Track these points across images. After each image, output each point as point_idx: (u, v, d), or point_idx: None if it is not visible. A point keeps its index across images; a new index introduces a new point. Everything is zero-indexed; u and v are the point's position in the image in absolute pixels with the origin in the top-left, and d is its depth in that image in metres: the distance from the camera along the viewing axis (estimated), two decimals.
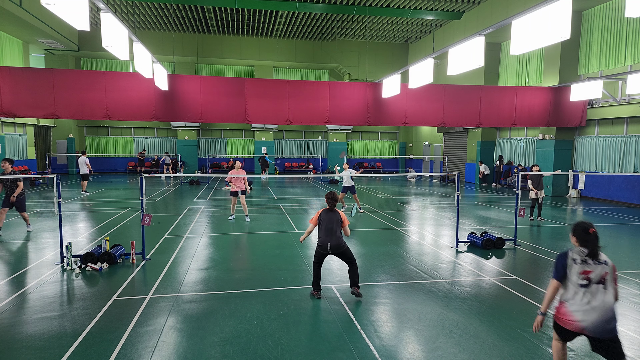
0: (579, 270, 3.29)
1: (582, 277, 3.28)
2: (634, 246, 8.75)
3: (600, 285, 3.27)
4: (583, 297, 3.26)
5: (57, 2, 5.85)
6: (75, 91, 13.54)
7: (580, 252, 3.36)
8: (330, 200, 5.58)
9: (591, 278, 3.27)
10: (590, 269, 3.29)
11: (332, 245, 5.46)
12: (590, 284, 3.27)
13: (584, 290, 3.27)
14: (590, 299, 3.25)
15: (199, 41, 25.52)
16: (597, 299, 3.24)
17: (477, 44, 9.27)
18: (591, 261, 3.31)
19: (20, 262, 7.13)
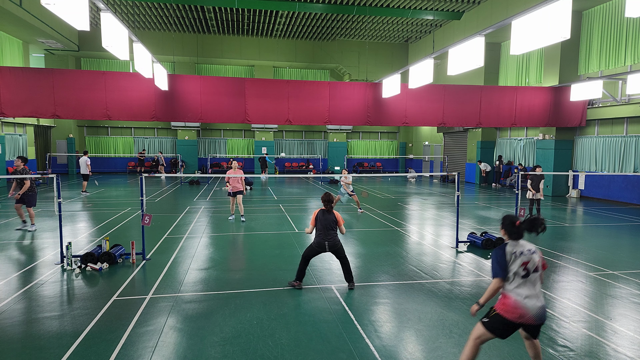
0: (520, 263, 3.38)
1: (523, 268, 3.38)
2: (634, 246, 8.75)
3: (536, 274, 3.41)
4: (525, 288, 3.36)
5: (57, 2, 5.84)
6: (75, 91, 13.54)
7: (515, 245, 3.45)
8: (326, 202, 5.86)
9: (529, 268, 3.39)
10: (527, 259, 3.40)
11: (330, 244, 5.77)
12: (529, 274, 3.39)
13: (525, 280, 3.37)
14: (531, 288, 3.37)
15: (199, 41, 25.51)
16: (537, 287, 3.39)
17: (477, 44, 9.27)
18: (527, 251, 3.41)
19: (20, 262, 7.13)
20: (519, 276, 3.38)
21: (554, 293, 5.88)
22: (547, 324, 4.84)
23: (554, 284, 6.28)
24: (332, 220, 5.82)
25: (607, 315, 5.09)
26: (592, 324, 4.85)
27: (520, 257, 3.39)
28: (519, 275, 3.38)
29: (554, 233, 10.03)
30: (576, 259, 7.61)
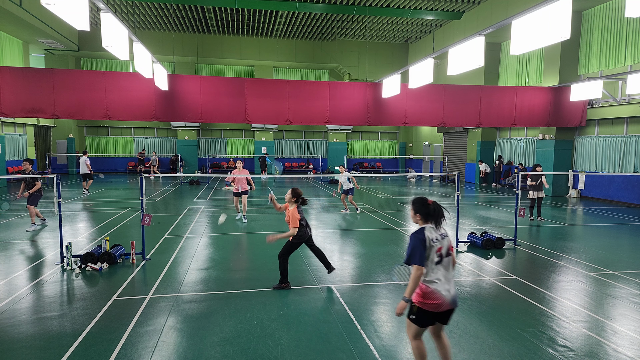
0: (436, 249, 3.28)
1: (438, 254, 3.29)
2: (634, 246, 8.75)
3: (448, 258, 3.35)
4: (440, 274, 3.28)
5: (57, 2, 5.84)
6: (75, 91, 13.54)
7: (432, 230, 3.34)
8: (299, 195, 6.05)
9: (442, 253, 3.31)
10: (440, 244, 3.32)
11: (310, 233, 6.13)
12: (442, 258, 3.31)
13: (439, 266, 3.29)
14: (445, 274, 3.30)
15: (199, 41, 25.51)
16: (450, 272, 3.34)
17: (477, 44, 9.27)
18: (439, 236, 3.33)
19: (20, 262, 7.13)
20: (432, 262, 3.27)
21: (554, 293, 5.88)
22: (547, 324, 4.84)
23: (554, 284, 6.28)
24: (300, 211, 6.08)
25: (607, 315, 5.09)
26: (592, 324, 4.85)
27: (435, 243, 3.29)
28: (432, 262, 3.27)
29: (554, 233, 10.03)
30: (576, 259, 7.61)
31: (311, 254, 7.00)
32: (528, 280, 6.41)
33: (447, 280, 3.28)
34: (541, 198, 11.57)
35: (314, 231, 9.83)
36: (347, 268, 7.05)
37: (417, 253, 3.24)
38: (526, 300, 5.59)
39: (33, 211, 9.64)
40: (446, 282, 3.27)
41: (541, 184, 11.55)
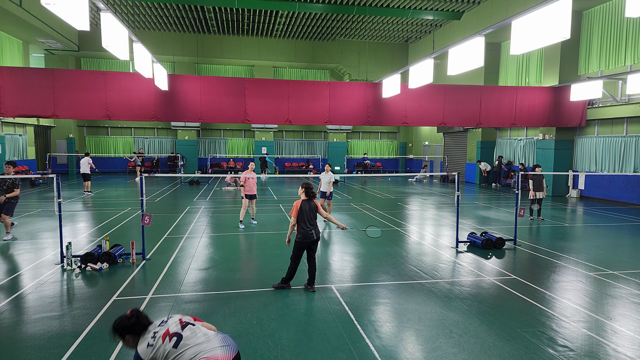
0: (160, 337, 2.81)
1: (170, 338, 2.80)
2: (634, 246, 8.75)
3: (188, 326, 2.91)
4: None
5: (57, 2, 5.84)
6: (75, 91, 13.53)
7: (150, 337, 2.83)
8: (307, 189, 5.82)
9: (176, 331, 2.85)
10: (165, 329, 2.88)
11: (315, 231, 5.76)
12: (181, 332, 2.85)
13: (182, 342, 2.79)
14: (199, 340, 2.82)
15: (199, 41, 25.51)
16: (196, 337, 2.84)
17: (477, 44, 9.27)
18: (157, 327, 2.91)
19: (20, 262, 7.13)
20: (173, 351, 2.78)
21: (554, 293, 5.88)
22: (547, 324, 4.84)
23: (554, 284, 6.28)
24: (314, 208, 5.81)
25: (607, 315, 5.09)
26: (592, 324, 4.85)
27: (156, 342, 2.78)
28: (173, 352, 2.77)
29: (554, 233, 10.03)
30: (576, 259, 7.61)
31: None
32: (528, 280, 6.41)
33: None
34: (541, 198, 11.57)
35: None
36: (347, 268, 7.05)
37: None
38: (526, 300, 5.59)
39: (8, 222, 8.73)
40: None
41: (541, 184, 11.54)
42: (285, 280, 5.87)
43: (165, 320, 2.94)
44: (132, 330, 2.85)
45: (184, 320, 2.95)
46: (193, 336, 2.82)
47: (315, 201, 5.88)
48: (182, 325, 2.89)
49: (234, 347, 2.88)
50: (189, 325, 2.90)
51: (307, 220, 5.74)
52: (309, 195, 5.81)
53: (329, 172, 11.15)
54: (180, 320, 2.94)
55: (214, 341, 2.82)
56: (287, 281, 5.87)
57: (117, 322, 2.87)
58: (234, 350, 2.85)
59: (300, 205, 5.73)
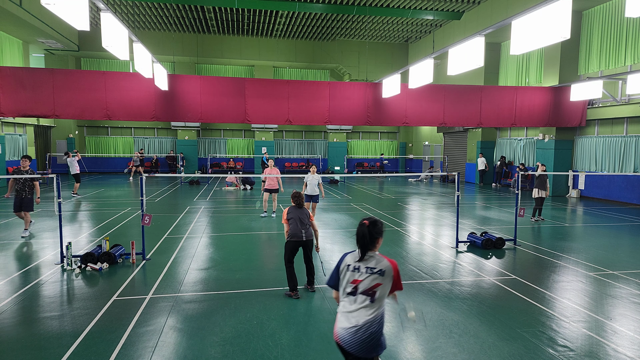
0: (351, 279, 2.86)
1: (352, 285, 2.85)
2: (634, 246, 8.75)
3: (365, 296, 2.81)
4: (346, 306, 2.86)
5: (57, 2, 5.84)
6: (75, 91, 13.53)
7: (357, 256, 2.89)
8: (297, 198, 5.90)
9: (358, 287, 2.83)
10: (360, 277, 2.83)
11: (306, 233, 5.71)
12: (357, 293, 2.83)
13: (350, 298, 2.86)
14: (353, 309, 2.82)
15: (199, 41, 25.51)
16: (361, 310, 2.80)
17: (477, 44, 9.27)
18: (366, 269, 2.84)
19: (20, 262, 7.13)
20: (344, 291, 2.89)
21: (554, 293, 5.88)
22: (547, 324, 4.84)
23: (554, 284, 6.28)
24: (306, 214, 5.82)
25: (607, 315, 5.10)
26: (592, 324, 4.85)
27: (353, 273, 2.86)
28: (345, 291, 2.89)
29: (554, 233, 10.03)
30: (576, 259, 7.61)
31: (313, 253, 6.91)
32: (528, 280, 6.41)
33: (352, 317, 2.79)
34: (544, 198, 11.48)
35: None
36: None
37: (332, 273, 3.00)
38: (526, 300, 5.59)
39: (28, 218, 9.07)
40: (349, 319, 2.80)
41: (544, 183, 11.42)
42: (291, 288, 5.69)
43: (369, 272, 2.86)
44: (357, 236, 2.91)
45: (372, 290, 2.86)
46: (357, 302, 2.85)
47: (308, 210, 5.95)
48: (367, 291, 2.85)
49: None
50: (368, 298, 2.85)
51: (298, 222, 5.73)
52: (297, 203, 5.87)
53: (314, 174, 10.44)
54: (376, 286, 2.84)
55: (350, 323, 2.80)
56: (293, 289, 5.68)
57: (362, 220, 2.89)
58: (350, 345, 2.79)
59: (288, 210, 5.82)
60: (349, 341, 2.78)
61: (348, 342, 2.78)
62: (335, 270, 2.95)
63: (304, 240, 5.70)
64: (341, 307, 2.89)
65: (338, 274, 2.93)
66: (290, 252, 5.71)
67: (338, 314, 2.90)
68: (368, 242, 2.83)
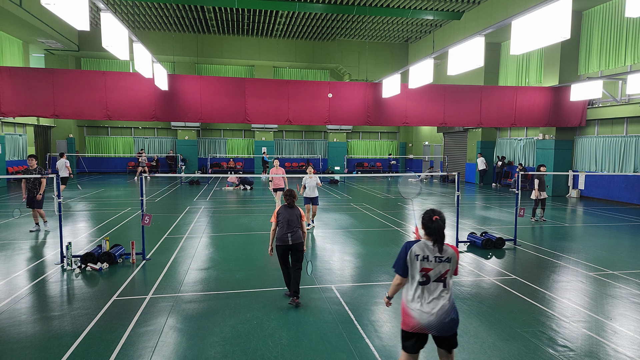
0: (420, 267, 3.12)
1: (422, 274, 3.11)
2: (634, 246, 8.75)
3: (438, 283, 3.11)
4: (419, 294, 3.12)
5: (57, 2, 5.84)
6: (75, 91, 13.53)
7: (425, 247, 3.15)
8: (289, 197, 5.61)
9: (430, 276, 3.11)
10: (430, 266, 3.11)
11: (293, 236, 5.39)
12: (429, 281, 3.10)
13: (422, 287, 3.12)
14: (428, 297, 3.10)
15: (199, 41, 25.50)
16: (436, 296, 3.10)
17: (477, 44, 9.27)
18: (434, 258, 3.11)
19: (20, 262, 7.13)
20: (414, 280, 3.13)
21: (554, 293, 5.88)
22: (547, 324, 4.84)
23: (554, 284, 6.28)
24: (297, 215, 5.51)
25: (607, 315, 5.10)
26: (592, 324, 4.85)
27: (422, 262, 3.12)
28: (414, 280, 3.13)
29: (554, 233, 10.03)
30: (576, 259, 7.61)
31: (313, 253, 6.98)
32: (528, 280, 6.41)
33: (428, 304, 3.07)
34: (544, 199, 11.46)
35: (316, 232, 9.83)
36: (347, 268, 7.05)
37: (399, 262, 3.20)
38: (526, 300, 5.59)
39: (43, 212, 9.67)
40: (426, 306, 3.07)
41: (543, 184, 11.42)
42: (290, 292, 5.41)
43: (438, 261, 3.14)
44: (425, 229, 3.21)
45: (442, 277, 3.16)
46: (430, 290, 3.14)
47: (300, 210, 5.61)
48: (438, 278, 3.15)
49: None
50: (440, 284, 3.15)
51: (285, 224, 5.41)
52: (289, 202, 5.56)
53: (313, 176, 10.04)
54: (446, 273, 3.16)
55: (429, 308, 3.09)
56: (291, 293, 5.41)
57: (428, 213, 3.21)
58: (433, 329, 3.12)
59: (278, 211, 5.56)
60: (435, 324, 3.06)
61: (434, 325, 3.06)
62: (403, 259, 3.17)
63: (290, 244, 5.38)
64: (412, 296, 3.13)
65: (405, 262, 3.15)
66: (281, 257, 5.50)
67: (408, 303, 3.13)
68: (443, 235, 3.11)
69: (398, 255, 3.22)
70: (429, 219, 3.16)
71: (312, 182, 10.01)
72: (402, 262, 3.17)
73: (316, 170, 29.00)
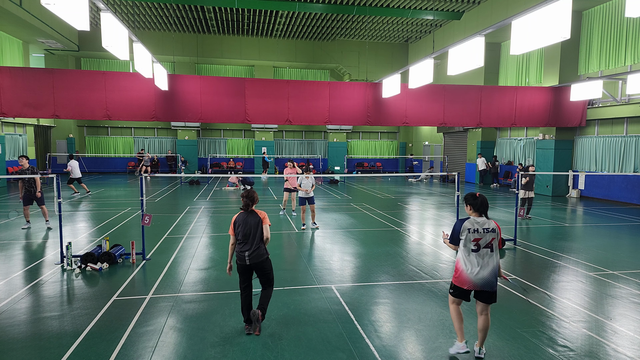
0: (472, 238, 3.94)
1: (474, 243, 3.93)
2: (634, 246, 8.75)
3: (486, 249, 3.94)
4: (471, 260, 3.95)
5: (57, 2, 5.84)
6: (75, 91, 13.53)
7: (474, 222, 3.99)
8: (245, 198, 4.55)
9: (480, 244, 3.93)
10: (480, 236, 3.94)
11: (251, 254, 4.45)
12: (480, 249, 3.93)
13: (475, 254, 3.94)
14: (479, 261, 3.94)
15: (199, 41, 25.51)
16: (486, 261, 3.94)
17: (477, 44, 9.27)
18: (483, 229, 3.95)
19: (20, 262, 7.13)
20: (468, 250, 3.95)
21: (554, 293, 5.88)
22: (547, 324, 4.84)
23: (554, 284, 6.28)
24: (256, 223, 4.47)
25: (607, 315, 5.10)
26: (592, 324, 4.85)
27: (473, 234, 3.94)
28: (468, 249, 3.95)
29: (554, 233, 10.03)
30: (576, 259, 7.61)
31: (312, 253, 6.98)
32: (528, 280, 6.41)
33: (478, 266, 3.91)
34: (531, 198, 11.60)
35: (316, 231, 9.82)
36: (347, 268, 7.05)
37: (453, 235, 4.06)
38: (526, 300, 5.59)
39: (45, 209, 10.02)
40: (476, 268, 3.91)
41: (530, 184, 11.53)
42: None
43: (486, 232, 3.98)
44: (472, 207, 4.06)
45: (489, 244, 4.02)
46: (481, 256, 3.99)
47: (261, 214, 4.55)
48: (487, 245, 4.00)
49: None
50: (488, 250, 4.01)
51: (240, 236, 4.47)
52: (246, 207, 4.54)
53: (309, 176, 9.93)
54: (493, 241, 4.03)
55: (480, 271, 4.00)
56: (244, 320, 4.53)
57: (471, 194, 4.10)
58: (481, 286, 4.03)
59: (235, 219, 4.54)
60: (484, 282, 3.92)
61: (483, 283, 3.92)
62: (457, 233, 4.01)
63: (247, 264, 4.45)
64: (466, 262, 3.97)
65: (459, 235, 4.00)
66: (240, 276, 4.56)
67: (464, 268, 3.97)
68: (486, 207, 4.03)
69: (452, 229, 4.08)
70: (472, 197, 4.04)
71: (308, 182, 10.00)
72: (455, 235, 4.04)
73: (315, 170, 29.00)
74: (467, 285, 3.96)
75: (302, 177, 10.00)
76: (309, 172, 10.41)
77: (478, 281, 3.92)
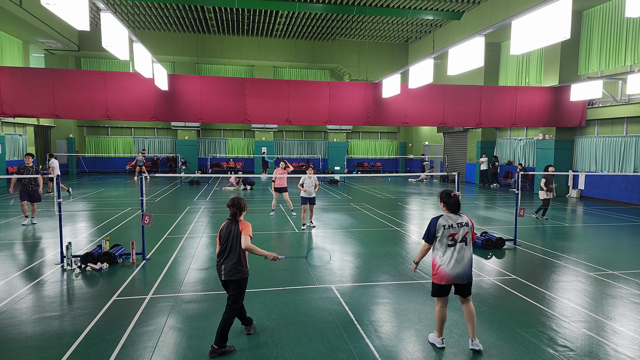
0: (448, 234, 4.08)
1: (450, 238, 4.08)
2: (634, 246, 8.75)
3: (462, 244, 4.11)
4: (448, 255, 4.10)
5: (57, 2, 5.84)
6: (75, 91, 13.53)
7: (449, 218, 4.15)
8: (232, 207, 4.23)
9: (456, 239, 4.09)
10: (455, 231, 4.09)
11: (226, 268, 4.09)
12: (456, 243, 4.09)
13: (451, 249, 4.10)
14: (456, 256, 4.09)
15: (199, 41, 25.51)
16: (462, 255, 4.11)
17: (477, 44, 9.27)
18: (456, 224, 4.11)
19: (20, 262, 7.13)
20: (444, 245, 4.10)
21: (554, 293, 5.88)
22: (547, 324, 4.84)
23: (554, 284, 6.28)
24: (235, 234, 4.12)
25: (607, 315, 5.10)
26: (592, 324, 4.85)
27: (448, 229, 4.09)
28: (444, 244, 4.10)
29: (554, 233, 10.03)
30: (576, 259, 7.61)
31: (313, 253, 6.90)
32: (528, 280, 6.41)
33: (455, 261, 4.06)
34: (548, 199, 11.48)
35: (316, 232, 9.83)
36: (347, 268, 7.05)
37: (429, 233, 4.16)
38: (526, 300, 5.59)
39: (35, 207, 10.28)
40: (453, 262, 4.06)
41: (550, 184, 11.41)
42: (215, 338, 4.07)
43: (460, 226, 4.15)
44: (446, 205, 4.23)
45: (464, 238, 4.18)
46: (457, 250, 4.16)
47: (241, 223, 4.20)
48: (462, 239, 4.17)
49: None
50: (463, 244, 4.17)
51: (222, 250, 4.14)
52: (233, 216, 4.22)
53: (312, 176, 9.88)
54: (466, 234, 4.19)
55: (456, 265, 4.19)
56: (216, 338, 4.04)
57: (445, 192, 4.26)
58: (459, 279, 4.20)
59: (221, 228, 4.27)
60: (461, 275, 4.10)
61: (460, 276, 4.10)
62: (432, 231, 4.13)
63: (222, 280, 4.12)
64: (442, 257, 4.11)
65: (435, 233, 4.12)
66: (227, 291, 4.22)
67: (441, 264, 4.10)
68: (458, 207, 4.18)
69: (427, 228, 4.17)
70: (447, 195, 4.20)
71: (309, 181, 9.97)
72: (431, 233, 4.14)
73: (316, 170, 29.00)
74: (446, 280, 4.09)
75: (304, 177, 9.94)
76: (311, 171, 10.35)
77: (456, 275, 4.07)
